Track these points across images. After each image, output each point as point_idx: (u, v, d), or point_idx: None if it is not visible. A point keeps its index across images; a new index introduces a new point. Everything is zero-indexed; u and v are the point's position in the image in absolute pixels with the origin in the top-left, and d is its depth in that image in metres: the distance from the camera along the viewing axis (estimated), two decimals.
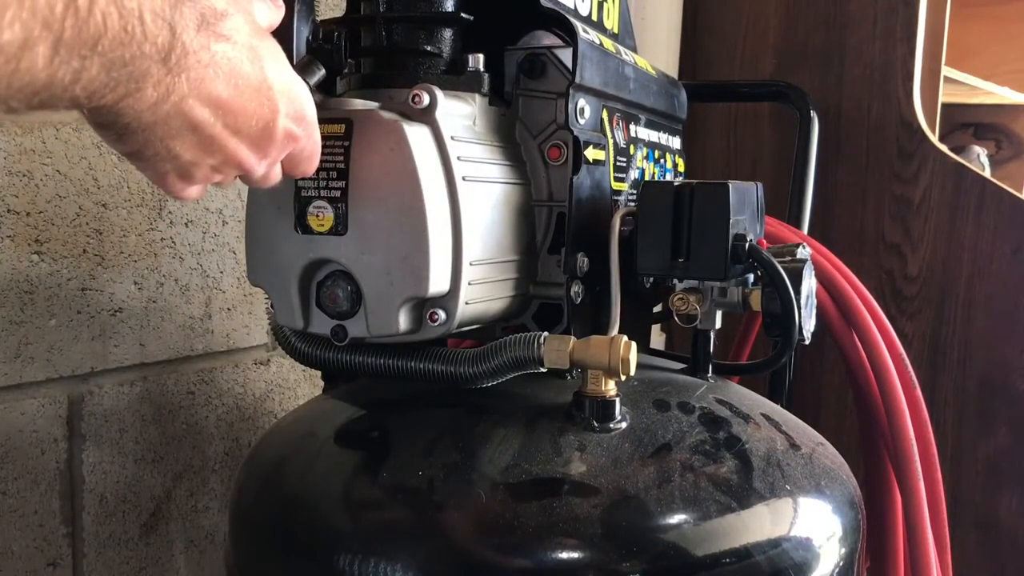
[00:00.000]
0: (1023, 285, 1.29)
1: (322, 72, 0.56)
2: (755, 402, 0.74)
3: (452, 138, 0.59)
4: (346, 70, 0.65)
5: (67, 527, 0.91)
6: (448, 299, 0.60)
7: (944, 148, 1.35)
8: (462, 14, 0.65)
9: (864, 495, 0.72)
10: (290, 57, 0.54)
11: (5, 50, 0.34)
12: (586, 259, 0.68)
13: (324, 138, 0.55)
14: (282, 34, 0.53)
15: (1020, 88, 2.28)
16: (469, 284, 0.60)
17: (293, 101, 0.49)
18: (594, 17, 0.78)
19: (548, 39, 0.70)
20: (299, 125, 0.50)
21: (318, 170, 0.56)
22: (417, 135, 0.57)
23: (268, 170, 0.51)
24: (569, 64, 0.67)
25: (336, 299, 0.60)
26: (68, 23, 0.35)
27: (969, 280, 1.33)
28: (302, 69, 0.54)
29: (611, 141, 0.73)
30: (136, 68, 0.38)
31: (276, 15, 0.52)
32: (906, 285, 1.37)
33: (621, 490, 0.58)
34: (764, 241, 0.75)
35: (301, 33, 0.56)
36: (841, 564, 0.64)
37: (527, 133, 0.68)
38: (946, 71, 1.62)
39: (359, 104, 0.60)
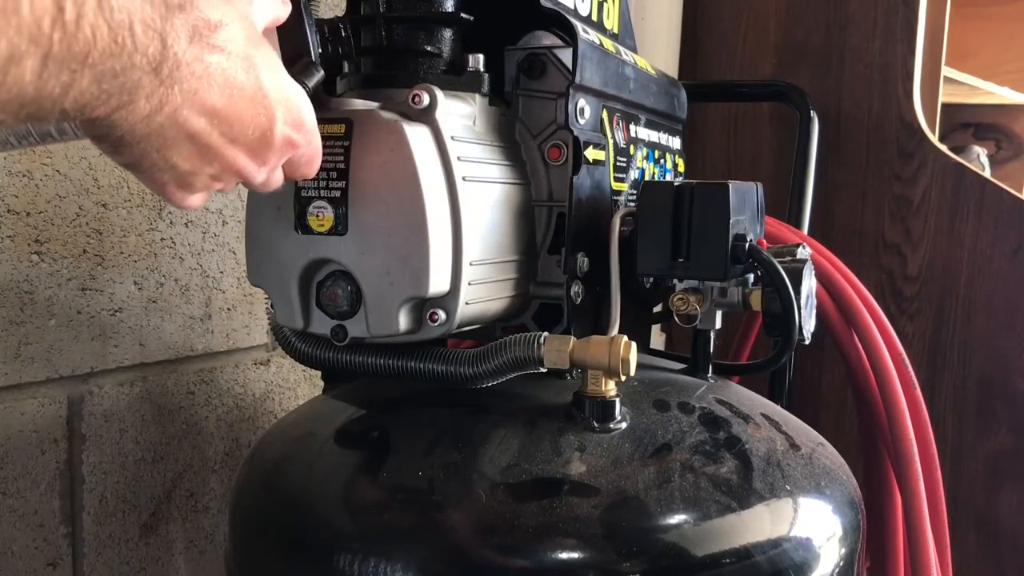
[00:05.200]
0: (1023, 285, 1.29)
1: (321, 74, 0.56)
2: (755, 402, 0.74)
3: (452, 138, 0.59)
4: (352, 66, 0.65)
5: (67, 527, 0.91)
6: (448, 299, 0.60)
7: (944, 148, 1.35)
8: (462, 14, 0.65)
9: (864, 495, 0.72)
10: (308, 52, 0.54)
11: None
12: (586, 259, 0.68)
13: (324, 138, 0.54)
14: (294, 31, 0.53)
15: (1020, 88, 2.28)
16: (469, 284, 0.60)
17: (290, 109, 0.49)
18: (594, 17, 0.78)
19: (548, 39, 0.70)
20: (298, 131, 0.50)
21: (318, 170, 0.56)
22: (417, 135, 0.57)
23: (268, 176, 0.51)
24: (569, 64, 0.67)
25: (336, 299, 0.60)
26: (56, 37, 0.34)
27: (969, 280, 1.33)
28: (300, 72, 0.54)
29: (611, 141, 0.73)
30: (127, 79, 0.38)
31: (282, 10, 0.52)
32: (906, 285, 1.37)
33: (621, 490, 0.58)
34: (764, 241, 0.75)
35: (312, 28, 0.56)
36: (841, 564, 0.64)
37: (527, 133, 0.68)
38: (946, 71, 1.62)
39: (359, 104, 0.60)
